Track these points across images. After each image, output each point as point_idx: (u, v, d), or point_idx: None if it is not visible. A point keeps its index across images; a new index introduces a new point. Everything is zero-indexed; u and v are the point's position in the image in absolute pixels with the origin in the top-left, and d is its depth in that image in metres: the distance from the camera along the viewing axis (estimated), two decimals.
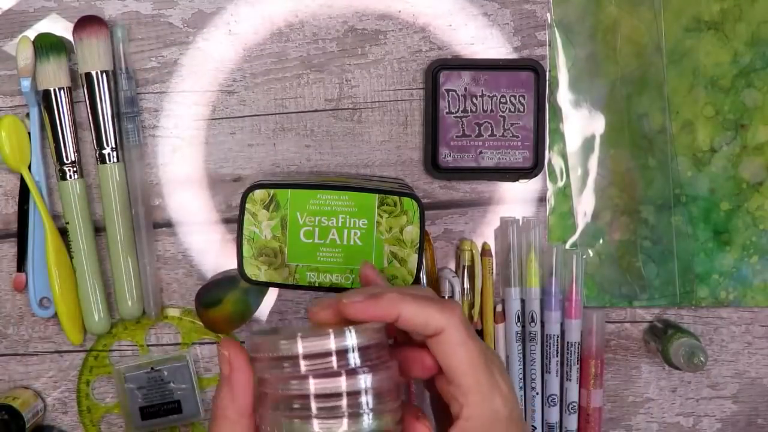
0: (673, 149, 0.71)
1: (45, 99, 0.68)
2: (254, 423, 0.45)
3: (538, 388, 0.70)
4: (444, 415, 0.48)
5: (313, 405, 0.41)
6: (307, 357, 0.42)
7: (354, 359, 0.42)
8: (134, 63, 0.69)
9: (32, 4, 0.69)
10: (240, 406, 0.45)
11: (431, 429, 0.46)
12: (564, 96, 0.71)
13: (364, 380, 0.41)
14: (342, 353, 0.42)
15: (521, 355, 0.70)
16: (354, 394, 0.41)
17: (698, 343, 0.67)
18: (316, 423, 0.41)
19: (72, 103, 0.68)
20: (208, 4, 0.69)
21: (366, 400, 0.41)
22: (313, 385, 0.41)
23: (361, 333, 0.43)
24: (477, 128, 0.70)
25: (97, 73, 0.67)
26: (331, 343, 0.42)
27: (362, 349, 0.42)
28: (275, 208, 0.64)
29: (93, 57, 0.67)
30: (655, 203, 0.71)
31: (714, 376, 0.74)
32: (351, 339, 0.42)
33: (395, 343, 0.49)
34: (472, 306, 0.70)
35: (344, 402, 0.41)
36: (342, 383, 0.41)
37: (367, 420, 0.41)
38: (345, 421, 0.41)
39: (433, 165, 0.70)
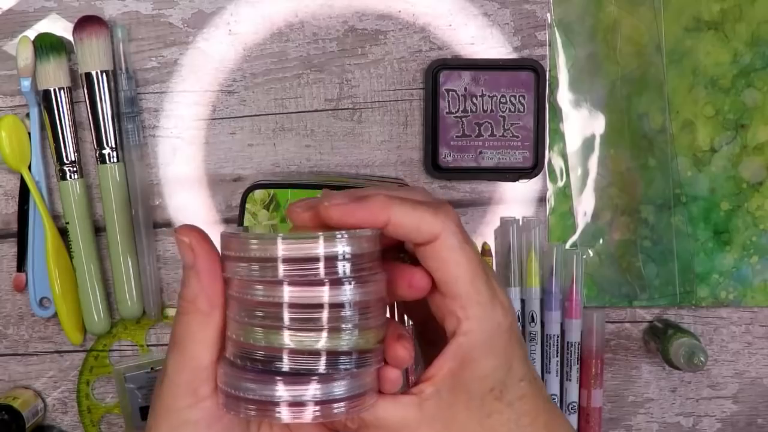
0: (673, 149, 0.71)
1: (45, 99, 0.68)
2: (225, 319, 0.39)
3: None
4: (432, 343, 0.43)
5: (286, 314, 0.36)
6: (287, 261, 0.36)
7: (343, 268, 0.37)
8: (134, 63, 0.69)
9: (32, 4, 0.69)
10: (210, 295, 0.39)
11: (411, 351, 0.39)
12: (564, 96, 0.71)
13: (351, 292, 0.37)
14: (330, 260, 0.37)
15: None
16: (337, 307, 0.37)
17: (698, 343, 0.67)
18: (287, 334, 0.36)
19: (72, 103, 0.68)
20: (208, 4, 0.69)
21: (349, 315, 0.37)
22: (289, 293, 0.36)
23: (355, 240, 0.37)
24: (477, 128, 0.70)
25: (97, 73, 0.67)
26: (320, 248, 0.36)
27: (354, 258, 0.37)
28: (275, 208, 0.64)
29: (93, 57, 0.67)
30: (655, 203, 0.71)
31: (714, 376, 0.74)
32: (343, 245, 0.37)
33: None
34: None
35: (325, 314, 0.36)
36: (325, 294, 0.36)
37: (349, 336, 0.37)
38: (324, 335, 0.36)
39: (433, 165, 0.70)
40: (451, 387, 0.40)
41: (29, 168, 0.69)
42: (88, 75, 0.67)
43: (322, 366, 0.36)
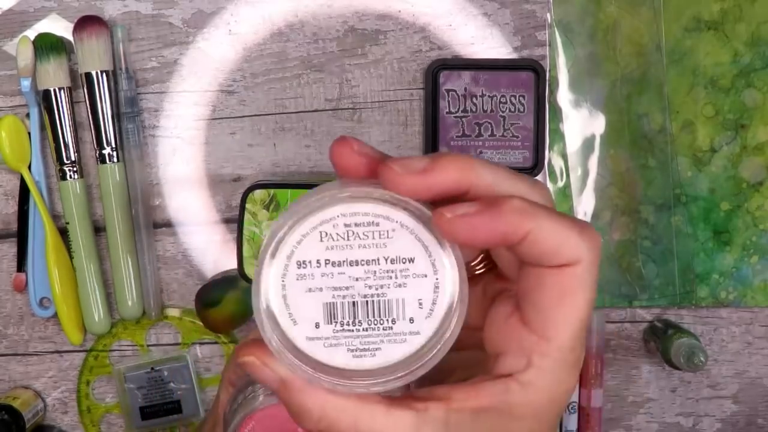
0: (673, 149, 0.71)
1: (45, 99, 0.68)
2: None
3: None
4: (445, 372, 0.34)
5: None
6: None
7: None
8: (134, 63, 0.69)
9: (32, 4, 0.69)
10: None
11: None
12: (564, 96, 0.71)
13: None
14: None
15: None
16: None
17: (698, 343, 0.67)
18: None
19: (72, 103, 0.68)
20: (208, 4, 0.69)
21: None
22: None
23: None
24: (477, 128, 0.70)
25: (97, 73, 0.67)
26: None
27: None
28: (275, 208, 0.64)
29: (93, 57, 0.67)
30: (655, 203, 0.71)
31: (714, 376, 0.74)
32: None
33: None
34: None
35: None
36: None
37: None
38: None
39: None
40: (462, 424, 0.31)
41: (29, 168, 0.69)
42: (88, 75, 0.67)
43: None
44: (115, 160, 0.68)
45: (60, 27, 0.69)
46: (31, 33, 0.68)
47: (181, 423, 0.72)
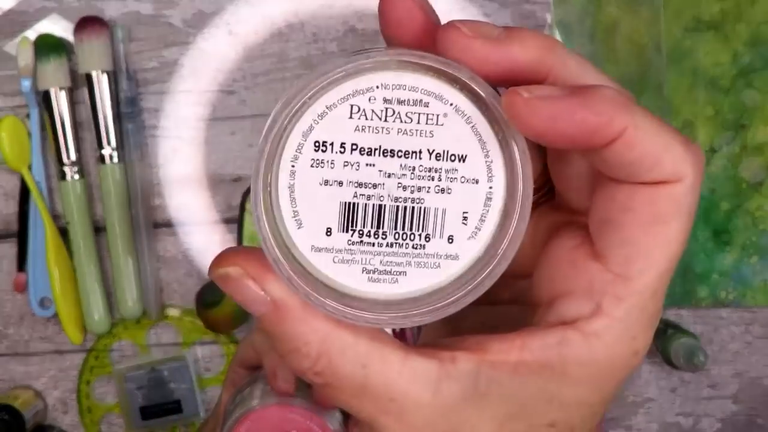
0: None
1: (45, 99, 0.68)
2: None
3: None
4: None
5: None
6: None
7: None
8: (135, 63, 0.69)
9: (32, 5, 0.69)
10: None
11: None
12: None
13: None
14: None
15: None
16: None
17: (698, 343, 0.67)
18: None
19: (72, 104, 0.68)
20: (209, 4, 0.69)
21: None
22: None
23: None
24: None
25: (97, 73, 0.67)
26: None
27: None
28: None
29: (93, 57, 0.67)
30: None
31: (714, 376, 0.74)
32: None
33: None
34: None
35: None
36: None
37: None
38: None
39: None
40: (498, 384, 0.24)
41: (29, 168, 0.69)
42: (89, 75, 0.67)
43: None
44: (116, 160, 0.68)
45: (60, 27, 0.69)
46: (32, 33, 0.68)
47: (181, 423, 0.72)
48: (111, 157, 0.68)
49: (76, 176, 0.68)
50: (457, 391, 0.24)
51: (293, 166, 0.23)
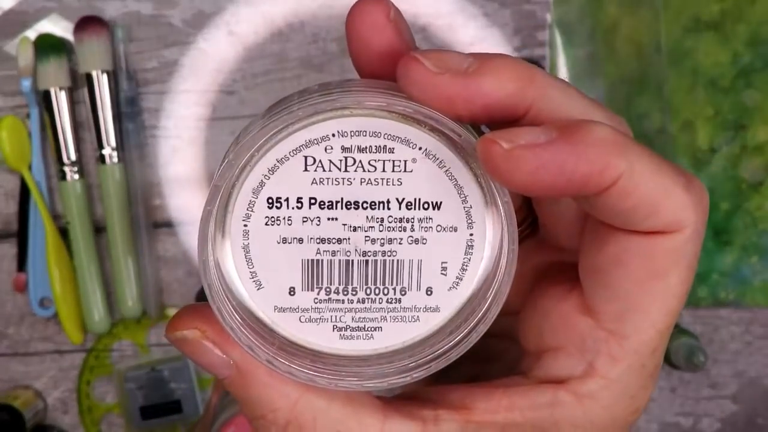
0: (673, 149, 0.71)
1: (45, 99, 0.68)
2: None
3: None
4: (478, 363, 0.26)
5: None
6: None
7: None
8: (135, 63, 0.69)
9: (32, 4, 0.69)
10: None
11: None
12: None
13: None
14: None
15: None
16: None
17: (697, 343, 0.68)
18: None
19: (72, 103, 0.68)
20: (209, 4, 0.69)
21: None
22: None
23: None
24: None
25: (97, 73, 0.67)
26: None
27: None
28: None
29: (93, 57, 0.67)
30: None
31: (714, 376, 0.74)
32: None
33: None
34: None
35: None
36: None
37: None
38: None
39: None
40: None
41: (29, 168, 0.69)
42: (89, 75, 0.67)
43: None
44: (116, 160, 0.68)
45: (60, 27, 0.69)
46: (32, 33, 0.68)
47: (181, 423, 0.72)
48: (111, 157, 0.68)
49: (76, 176, 0.68)
50: None
51: (246, 225, 0.21)
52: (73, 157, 0.68)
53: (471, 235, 0.22)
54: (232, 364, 0.22)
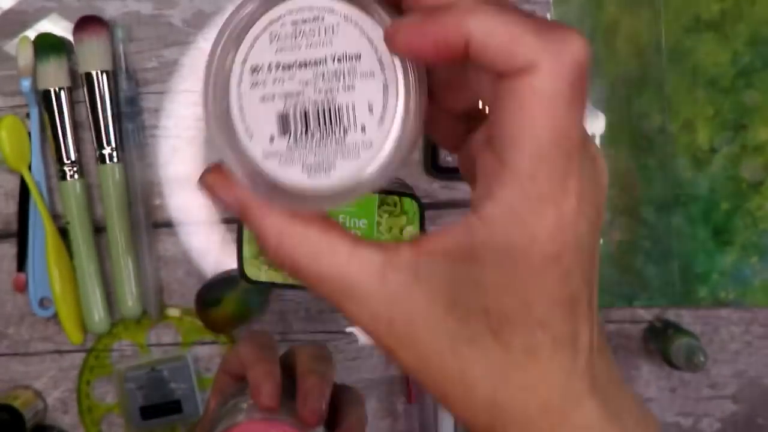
0: (673, 149, 0.71)
1: (45, 99, 0.68)
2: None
3: None
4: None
5: None
6: None
7: None
8: (135, 63, 0.69)
9: (32, 4, 0.69)
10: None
11: None
12: None
13: None
14: None
15: None
16: None
17: (698, 343, 0.68)
18: None
19: (72, 103, 0.68)
20: (209, 4, 0.69)
21: None
22: None
23: None
24: None
25: (97, 73, 0.67)
26: None
27: None
28: None
29: (93, 57, 0.67)
30: (655, 203, 0.71)
31: (714, 376, 0.74)
32: None
33: None
34: None
35: None
36: None
37: None
38: None
39: (433, 165, 0.70)
40: (434, 272, 0.27)
41: (29, 168, 0.69)
42: (88, 75, 0.67)
43: None
44: (115, 160, 0.68)
45: (60, 27, 0.69)
46: (31, 33, 0.68)
47: (181, 423, 0.72)
48: (111, 157, 0.68)
49: (76, 176, 0.68)
50: (402, 279, 0.27)
51: (240, 90, 0.28)
52: (73, 156, 0.68)
53: (385, 78, 0.27)
54: (238, 201, 0.28)
